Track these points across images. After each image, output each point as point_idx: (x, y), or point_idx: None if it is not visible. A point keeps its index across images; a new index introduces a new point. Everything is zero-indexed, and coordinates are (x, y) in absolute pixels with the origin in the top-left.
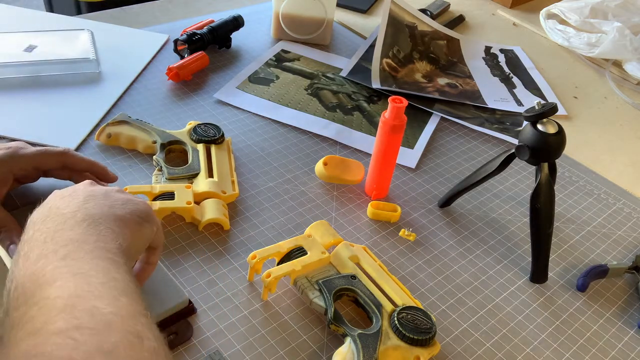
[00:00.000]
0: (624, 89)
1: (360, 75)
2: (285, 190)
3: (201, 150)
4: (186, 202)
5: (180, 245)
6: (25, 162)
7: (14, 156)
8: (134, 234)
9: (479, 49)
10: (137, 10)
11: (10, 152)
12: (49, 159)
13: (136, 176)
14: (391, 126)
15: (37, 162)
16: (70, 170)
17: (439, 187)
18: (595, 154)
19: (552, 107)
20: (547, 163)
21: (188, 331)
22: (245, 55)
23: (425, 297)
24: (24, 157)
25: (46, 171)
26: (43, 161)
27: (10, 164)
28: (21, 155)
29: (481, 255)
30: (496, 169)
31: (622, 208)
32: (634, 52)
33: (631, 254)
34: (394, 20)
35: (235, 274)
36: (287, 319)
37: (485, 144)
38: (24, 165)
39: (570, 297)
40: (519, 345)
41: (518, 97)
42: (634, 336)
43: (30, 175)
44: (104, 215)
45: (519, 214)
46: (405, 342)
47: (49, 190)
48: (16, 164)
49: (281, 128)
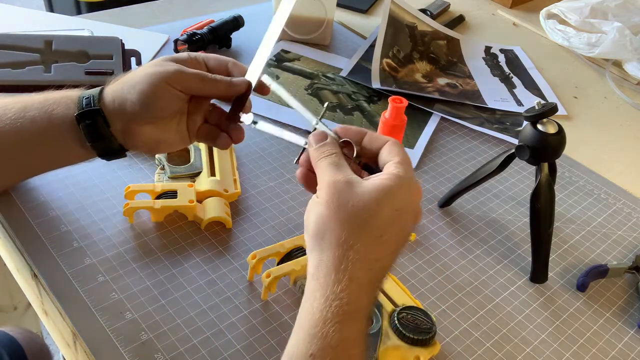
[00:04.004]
0: (624, 89)
1: (360, 75)
2: (286, 190)
3: (203, 149)
4: (188, 201)
5: (181, 245)
6: (200, 56)
7: (191, 54)
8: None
9: (479, 49)
10: (137, 10)
11: (186, 53)
12: (222, 61)
13: (138, 175)
14: (391, 126)
15: (215, 61)
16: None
17: (439, 187)
18: (595, 154)
19: (552, 107)
20: (547, 163)
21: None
22: (245, 55)
23: (425, 297)
24: (202, 55)
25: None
26: (218, 61)
27: (191, 60)
28: (199, 54)
29: (481, 255)
30: (496, 169)
31: (622, 208)
32: (634, 52)
33: (631, 254)
34: (394, 20)
35: (235, 274)
36: (287, 319)
37: (485, 144)
38: (200, 58)
39: (570, 297)
40: (519, 345)
41: (518, 97)
42: (634, 336)
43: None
44: None
45: (519, 214)
46: (405, 342)
47: (50, 189)
48: (195, 58)
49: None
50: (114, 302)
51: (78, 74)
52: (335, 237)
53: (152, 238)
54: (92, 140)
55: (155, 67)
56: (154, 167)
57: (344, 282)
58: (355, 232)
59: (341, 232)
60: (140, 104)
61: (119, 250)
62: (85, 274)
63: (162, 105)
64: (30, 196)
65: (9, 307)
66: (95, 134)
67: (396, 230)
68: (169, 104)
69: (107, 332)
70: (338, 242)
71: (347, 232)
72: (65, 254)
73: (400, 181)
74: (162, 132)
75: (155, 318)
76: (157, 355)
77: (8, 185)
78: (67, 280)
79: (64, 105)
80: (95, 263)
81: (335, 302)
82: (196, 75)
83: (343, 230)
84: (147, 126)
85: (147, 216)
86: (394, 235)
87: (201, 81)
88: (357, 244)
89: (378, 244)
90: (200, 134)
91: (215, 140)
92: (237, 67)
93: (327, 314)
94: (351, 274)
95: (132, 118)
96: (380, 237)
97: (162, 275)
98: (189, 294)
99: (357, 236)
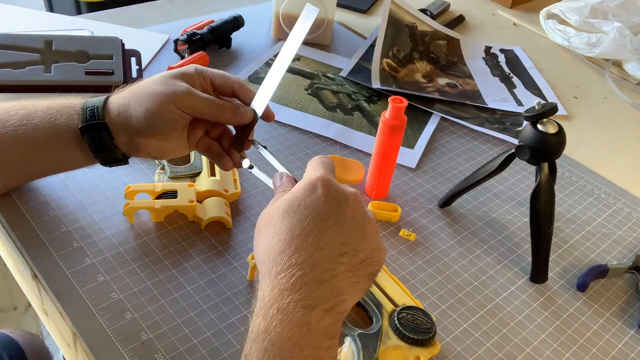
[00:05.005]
0: (624, 89)
1: (361, 75)
2: None
3: None
4: (189, 201)
5: (181, 245)
6: (207, 73)
7: (198, 69)
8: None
9: (479, 49)
10: (137, 10)
11: (193, 67)
12: (228, 80)
13: (138, 175)
14: (391, 126)
15: (220, 79)
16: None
17: (439, 187)
18: (595, 154)
19: (552, 107)
20: (547, 163)
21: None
22: (245, 55)
23: (425, 297)
24: (209, 71)
25: (218, 95)
26: (224, 80)
27: (197, 75)
28: (206, 70)
29: (481, 255)
30: (496, 169)
31: (622, 208)
32: (634, 52)
33: (631, 254)
34: (394, 20)
35: (235, 274)
36: None
37: (485, 144)
38: (207, 74)
39: (570, 297)
40: (519, 345)
41: (518, 97)
42: (634, 336)
43: (208, 91)
44: None
45: (519, 214)
46: (405, 342)
47: (50, 189)
48: (202, 74)
49: (281, 128)
50: (114, 302)
51: (78, 74)
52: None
53: (152, 238)
54: (95, 152)
55: (163, 87)
56: (154, 167)
57: (269, 280)
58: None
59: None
60: (146, 123)
61: (119, 250)
62: (85, 274)
63: (168, 125)
64: (30, 196)
65: (9, 307)
66: (100, 145)
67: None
68: (175, 124)
69: (107, 332)
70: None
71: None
72: (65, 254)
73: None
74: (166, 144)
75: (155, 318)
76: (157, 355)
77: (10, 187)
78: (67, 280)
79: (66, 116)
80: (95, 263)
81: (261, 297)
82: (205, 101)
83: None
84: (151, 139)
85: (147, 216)
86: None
87: (209, 108)
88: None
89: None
90: (200, 146)
91: (220, 160)
92: (244, 90)
93: (255, 311)
94: (275, 272)
95: (136, 133)
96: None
97: (162, 275)
98: (189, 294)
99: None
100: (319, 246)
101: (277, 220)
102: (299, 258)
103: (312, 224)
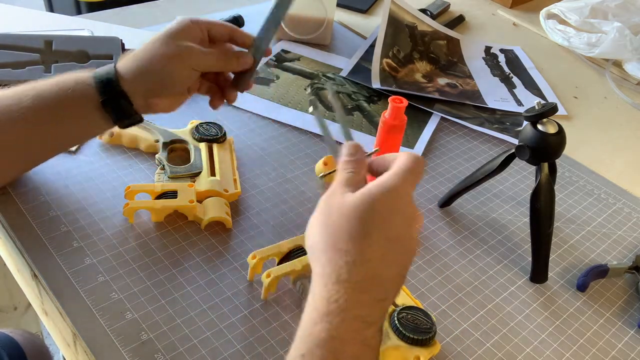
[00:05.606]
0: (624, 89)
1: (361, 75)
2: (286, 190)
3: (203, 149)
4: (189, 201)
5: (181, 245)
6: (203, 24)
7: (193, 20)
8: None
9: (479, 49)
10: (137, 10)
11: (188, 19)
12: (223, 28)
13: (138, 175)
14: (391, 126)
15: (216, 28)
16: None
17: (439, 187)
18: (595, 154)
19: (552, 107)
20: (547, 163)
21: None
22: None
23: (425, 297)
24: (203, 22)
25: (212, 43)
26: (220, 28)
27: (192, 24)
28: (201, 21)
29: (481, 255)
30: (496, 169)
31: (622, 208)
32: (634, 52)
33: (631, 254)
34: (394, 20)
35: (235, 274)
36: (287, 319)
37: (485, 144)
38: (203, 26)
39: (570, 297)
40: (519, 345)
41: (518, 97)
42: (634, 336)
43: (204, 41)
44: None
45: (519, 214)
46: (405, 342)
47: (50, 189)
48: (197, 24)
49: (281, 128)
50: (114, 302)
51: None
52: (320, 249)
53: (152, 238)
54: (117, 119)
55: (171, 48)
56: (154, 167)
57: (332, 284)
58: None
59: (325, 244)
60: (161, 85)
61: (119, 250)
62: (85, 274)
63: (182, 84)
64: (30, 196)
65: (9, 307)
66: (121, 113)
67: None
68: (188, 81)
69: (107, 332)
70: (325, 249)
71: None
72: (65, 254)
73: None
74: (176, 99)
75: (155, 318)
76: (157, 355)
77: (31, 168)
78: (67, 280)
79: (80, 91)
80: (95, 263)
81: (322, 302)
82: (212, 56)
83: (326, 242)
84: (164, 98)
85: (147, 216)
86: (382, 241)
87: (217, 60)
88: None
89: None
90: (201, 90)
91: (221, 97)
92: (239, 34)
93: (315, 315)
94: (338, 277)
95: (151, 95)
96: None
97: (162, 275)
98: (189, 294)
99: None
100: (385, 263)
101: (353, 217)
102: (369, 272)
103: (385, 235)
